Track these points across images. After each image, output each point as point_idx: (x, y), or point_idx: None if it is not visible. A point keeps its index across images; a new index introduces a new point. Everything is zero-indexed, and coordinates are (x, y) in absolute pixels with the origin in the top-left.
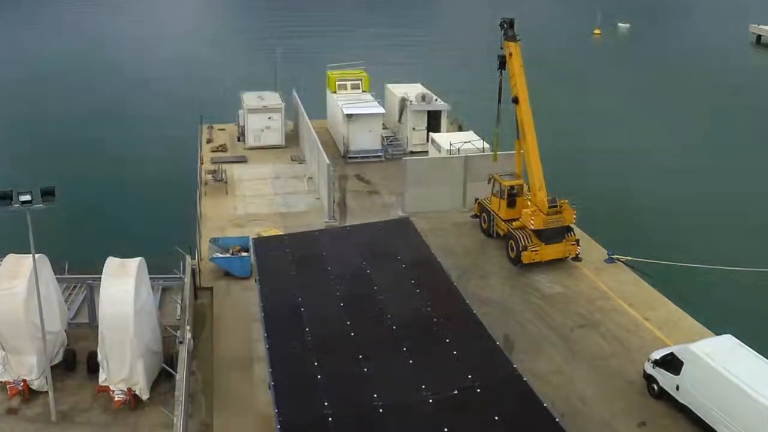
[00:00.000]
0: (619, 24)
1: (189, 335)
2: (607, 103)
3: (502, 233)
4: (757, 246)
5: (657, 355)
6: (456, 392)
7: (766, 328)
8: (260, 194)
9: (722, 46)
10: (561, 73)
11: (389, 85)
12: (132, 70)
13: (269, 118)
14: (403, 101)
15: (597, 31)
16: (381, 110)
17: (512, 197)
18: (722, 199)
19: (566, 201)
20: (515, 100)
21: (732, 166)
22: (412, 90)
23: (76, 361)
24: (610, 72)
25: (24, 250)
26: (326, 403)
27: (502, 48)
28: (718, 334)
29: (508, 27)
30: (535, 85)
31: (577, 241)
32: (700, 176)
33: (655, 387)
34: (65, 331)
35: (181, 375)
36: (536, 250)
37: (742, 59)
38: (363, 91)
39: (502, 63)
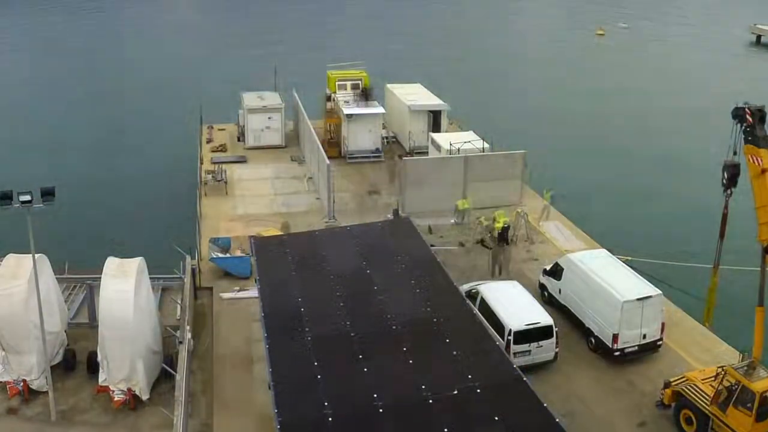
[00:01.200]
0: (619, 24)
1: (189, 335)
2: (608, 102)
3: None
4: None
5: (547, 267)
6: (456, 392)
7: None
8: (260, 194)
9: (722, 46)
10: (563, 73)
11: (389, 85)
12: (132, 70)
13: (269, 118)
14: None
15: (600, 31)
16: (381, 110)
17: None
18: (722, 199)
19: None
20: None
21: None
22: (412, 90)
23: (76, 361)
24: (612, 72)
25: (24, 250)
26: (326, 403)
27: (735, 153)
28: (718, 334)
29: (757, 122)
30: (535, 83)
31: None
32: (700, 176)
33: (545, 293)
34: (65, 331)
35: (181, 375)
36: None
37: (741, 59)
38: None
39: (733, 178)
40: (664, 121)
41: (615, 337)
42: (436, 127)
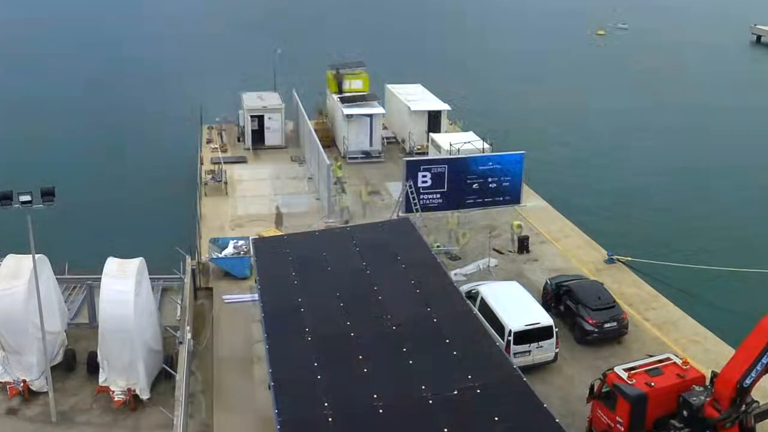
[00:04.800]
0: (619, 25)
1: (189, 335)
2: (608, 102)
3: None
4: (757, 246)
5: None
6: (456, 392)
7: None
8: (260, 194)
9: (722, 46)
10: (563, 71)
11: (389, 86)
12: (132, 70)
13: (269, 118)
14: None
15: (600, 31)
16: (381, 110)
17: None
18: (722, 199)
19: None
20: None
21: (732, 167)
22: (413, 91)
23: (76, 361)
24: (612, 72)
25: (24, 250)
26: (326, 403)
27: None
28: (717, 334)
29: None
30: (537, 81)
31: None
32: (700, 176)
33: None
34: (65, 331)
35: (181, 375)
36: None
37: (742, 59)
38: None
39: None
40: (665, 121)
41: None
42: (435, 127)
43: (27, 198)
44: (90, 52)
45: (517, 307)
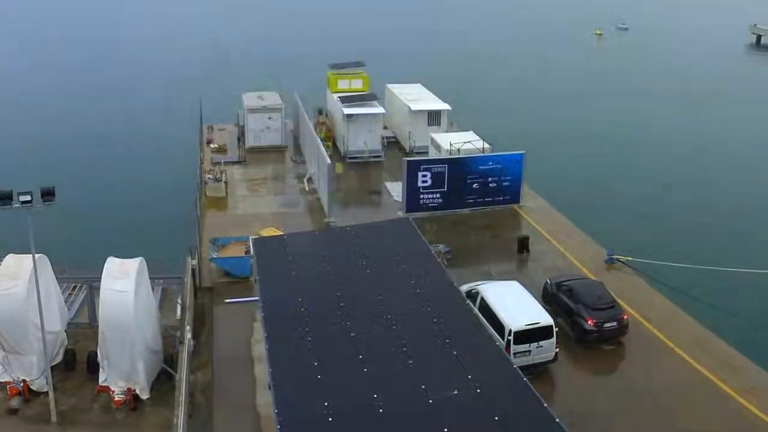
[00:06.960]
0: (619, 25)
1: (189, 335)
2: (607, 102)
3: None
4: (757, 246)
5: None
6: (456, 392)
7: (766, 328)
8: (260, 194)
9: (721, 47)
10: (562, 70)
11: (389, 85)
12: (132, 70)
13: (269, 118)
14: None
15: (598, 31)
16: (381, 110)
17: None
18: (722, 199)
19: None
20: None
21: (732, 166)
22: (413, 90)
23: (76, 361)
24: (612, 72)
25: (24, 250)
26: (326, 403)
27: None
28: (717, 334)
29: None
30: (537, 82)
31: None
32: (701, 176)
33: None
34: (65, 331)
35: (181, 375)
36: None
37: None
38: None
39: None
40: (664, 121)
41: None
42: (435, 127)
43: (27, 198)
44: (90, 53)
45: (517, 306)
